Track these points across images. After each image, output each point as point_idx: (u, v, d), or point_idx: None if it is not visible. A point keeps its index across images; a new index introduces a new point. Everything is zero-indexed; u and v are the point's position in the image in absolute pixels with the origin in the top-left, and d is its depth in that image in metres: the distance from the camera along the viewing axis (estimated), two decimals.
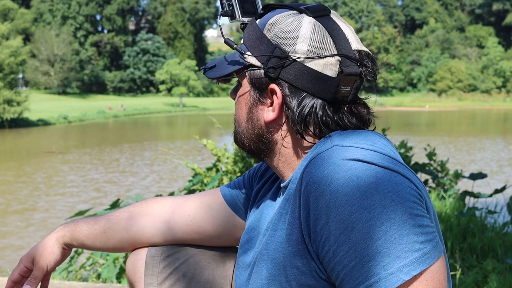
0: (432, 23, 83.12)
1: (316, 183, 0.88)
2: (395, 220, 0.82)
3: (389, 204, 0.83)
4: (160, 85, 62.89)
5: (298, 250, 0.92)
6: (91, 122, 38.64)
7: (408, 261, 0.81)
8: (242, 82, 1.05)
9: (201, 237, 1.29)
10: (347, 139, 0.94)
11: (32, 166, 16.20)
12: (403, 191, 0.85)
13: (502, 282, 2.81)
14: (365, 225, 0.82)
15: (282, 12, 1.02)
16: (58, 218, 9.07)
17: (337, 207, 0.84)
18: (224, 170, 4.18)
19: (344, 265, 0.84)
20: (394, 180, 0.86)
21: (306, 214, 0.89)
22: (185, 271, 1.27)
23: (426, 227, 0.84)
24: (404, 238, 0.82)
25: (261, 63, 1.00)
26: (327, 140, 0.96)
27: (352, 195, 0.84)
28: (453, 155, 15.82)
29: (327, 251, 0.86)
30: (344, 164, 0.87)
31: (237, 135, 1.10)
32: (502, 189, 4.54)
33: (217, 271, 1.29)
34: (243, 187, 1.28)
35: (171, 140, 23.78)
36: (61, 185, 12.78)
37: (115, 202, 3.90)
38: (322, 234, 0.86)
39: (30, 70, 57.54)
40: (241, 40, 1.06)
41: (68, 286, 2.70)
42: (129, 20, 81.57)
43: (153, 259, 1.28)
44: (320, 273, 0.90)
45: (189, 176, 5.15)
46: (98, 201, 10.49)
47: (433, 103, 61.67)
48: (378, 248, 0.81)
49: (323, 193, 0.86)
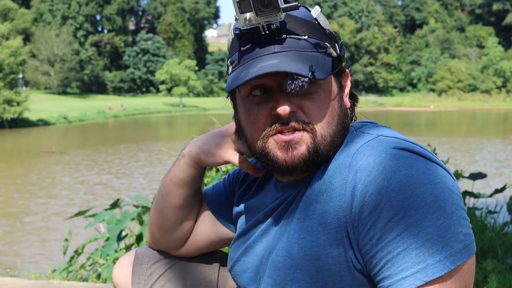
0: (432, 23, 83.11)
1: (368, 170, 0.88)
2: (445, 210, 0.84)
3: (440, 194, 0.84)
4: (160, 85, 62.88)
5: (336, 239, 0.91)
6: (91, 122, 38.63)
7: (453, 250, 0.83)
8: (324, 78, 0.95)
9: (196, 252, 1.29)
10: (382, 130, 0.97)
11: (32, 166, 16.20)
12: (449, 183, 0.87)
13: (502, 282, 2.81)
14: (417, 212, 0.83)
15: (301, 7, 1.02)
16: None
17: (389, 193, 0.85)
18: (224, 170, 4.18)
19: (389, 251, 0.84)
20: (441, 173, 0.88)
21: (352, 201, 0.88)
22: (171, 277, 1.27)
23: (467, 221, 0.87)
24: (452, 228, 0.83)
25: (335, 52, 1.00)
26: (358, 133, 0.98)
27: (406, 182, 0.84)
28: (453, 155, 15.82)
29: (370, 238, 0.86)
30: (395, 152, 0.88)
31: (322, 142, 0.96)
32: (502, 189, 4.54)
33: (203, 275, 1.29)
34: (224, 192, 1.27)
35: (171, 140, 23.78)
36: (62, 186, 12.78)
37: (115, 202, 3.90)
38: (368, 220, 0.86)
39: (30, 70, 57.52)
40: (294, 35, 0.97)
41: (68, 286, 2.70)
42: (129, 20, 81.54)
43: (140, 267, 1.28)
44: (356, 263, 0.90)
45: None
46: (98, 200, 10.48)
47: (433, 103, 61.66)
48: (429, 235, 0.82)
49: (374, 181, 0.86)
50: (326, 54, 0.98)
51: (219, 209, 1.26)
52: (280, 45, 0.95)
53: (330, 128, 0.97)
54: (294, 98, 0.95)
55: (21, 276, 4.37)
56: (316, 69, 0.92)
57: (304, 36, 0.96)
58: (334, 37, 1.00)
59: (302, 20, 0.97)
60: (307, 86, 0.92)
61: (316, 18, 0.99)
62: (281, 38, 0.95)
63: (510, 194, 4.64)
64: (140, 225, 3.63)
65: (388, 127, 1.01)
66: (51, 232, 8.42)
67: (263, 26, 0.94)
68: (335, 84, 1.00)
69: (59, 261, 4.00)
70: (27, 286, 2.79)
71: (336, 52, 1.00)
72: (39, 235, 8.27)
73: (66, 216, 7.81)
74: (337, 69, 1.00)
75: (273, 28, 0.94)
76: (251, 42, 0.97)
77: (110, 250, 3.47)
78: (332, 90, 0.99)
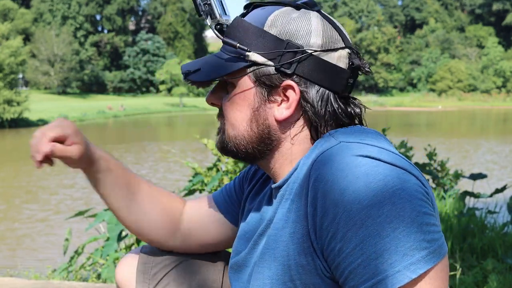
0: (432, 23, 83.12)
1: (325, 179, 0.86)
2: (404, 218, 0.82)
3: (398, 202, 0.82)
4: (160, 85, 62.91)
5: (303, 248, 0.91)
6: (91, 122, 38.63)
7: (415, 259, 0.81)
8: (237, 83, 1.00)
9: (201, 249, 1.29)
10: (351, 137, 0.93)
11: (32, 166, 16.19)
12: (411, 189, 0.84)
13: (502, 282, 2.81)
14: (374, 222, 0.81)
15: (276, 9, 1.00)
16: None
17: (345, 203, 0.83)
18: (224, 170, 4.18)
19: (350, 262, 0.83)
20: (402, 178, 0.85)
21: (313, 210, 0.88)
22: (176, 277, 1.26)
23: (433, 226, 0.84)
24: (412, 236, 0.81)
25: (268, 59, 0.97)
26: (330, 138, 0.95)
27: (361, 192, 0.83)
28: (453, 155, 15.81)
29: (332, 248, 0.85)
30: (352, 160, 0.86)
31: (229, 140, 1.04)
32: (502, 189, 4.54)
33: (208, 275, 1.28)
34: (234, 192, 1.27)
35: (171, 140, 23.78)
36: (62, 185, 12.78)
37: None
38: (328, 231, 0.85)
39: (30, 70, 57.53)
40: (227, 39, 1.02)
41: (68, 286, 2.70)
42: (129, 20, 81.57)
43: (144, 266, 1.27)
44: (324, 271, 0.90)
45: (189, 176, 5.15)
46: (99, 200, 10.48)
47: (433, 103, 61.66)
48: (386, 245, 0.81)
49: (331, 190, 0.85)
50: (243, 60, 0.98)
51: (229, 209, 1.26)
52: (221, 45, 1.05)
53: (236, 131, 1.02)
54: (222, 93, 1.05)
55: (21, 276, 4.37)
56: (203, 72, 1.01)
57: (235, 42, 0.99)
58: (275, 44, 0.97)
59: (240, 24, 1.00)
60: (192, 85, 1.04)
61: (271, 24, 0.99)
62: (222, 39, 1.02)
63: (510, 194, 4.64)
64: None
65: (370, 131, 0.98)
66: (51, 232, 8.42)
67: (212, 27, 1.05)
68: (253, 92, 0.99)
69: (59, 261, 4.00)
70: (27, 286, 2.80)
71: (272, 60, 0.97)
72: (39, 235, 8.27)
73: (66, 216, 7.81)
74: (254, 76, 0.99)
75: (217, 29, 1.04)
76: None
77: (110, 250, 3.47)
78: (245, 96, 1.00)
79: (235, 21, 1.01)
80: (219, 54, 1.03)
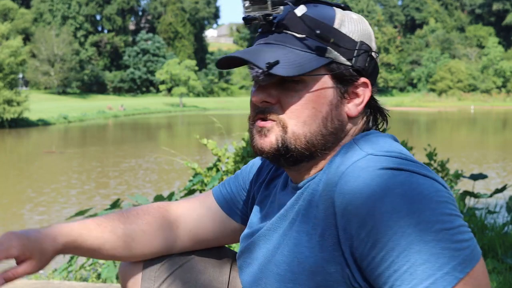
0: (432, 23, 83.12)
1: (358, 193, 0.88)
2: (444, 221, 0.84)
3: (436, 207, 0.85)
4: (160, 85, 62.88)
5: (333, 256, 0.92)
6: (91, 122, 38.63)
7: (460, 259, 0.83)
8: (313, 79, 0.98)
9: (201, 246, 1.28)
10: (375, 146, 0.96)
11: (32, 165, 16.20)
12: (443, 195, 0.88)
13: (502, 282, 2.81)
14: (415, 229, 0.83)
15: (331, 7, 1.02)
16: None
17: (383, 213, 0.85)
18: (224, 170, 4.18)
19: (395, 270, 0.84)
20: (433, 185, 0.88)
21: (346, 222, 0.89)
22: (182, 276, 1.26)
23: (466, 226, 0.88)
24: (453, 238, 0.84)
25: (345, 58, 0.99)
26: (354, 146, 0.98)
27: (398, 201, 0.85)
28: (453, 155, 15.81)
29: (373, 258, 0.86)
30: (385, 173, 0.88)
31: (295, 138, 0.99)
32: (502, 189, 4.54)
33: (214, 275, 1.28)
34: (236, 188, 1.27)
35: (171, 140, 23.78)
36: (62, 185, 12.79)
37: (115, 202, 3.90)
38: (367, 241, 0.86)
39: (30, 70, 57.55)
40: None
41: (68, 286, 2.70)
42: (129, 20, 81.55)
43: (150, 263, 1.26)
44: (353, 280, 0.91)
45: (188, 176, 5.16)
46: (98, 200, 10.49)
47: (433, 103, 61.67)
48: (432, 250, 0.82)
49: (367, 202, 0.86)
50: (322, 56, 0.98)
51: (231, 205, 1.26)
52: (275, 37, 0.99)
53: (307, 129, 0.98)
54: (275, 90, 0.99)
55: None
56: (284, 66, 0.94)
57: (302, 35, 0.97)
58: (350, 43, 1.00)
59: (309, 19, 0.97)
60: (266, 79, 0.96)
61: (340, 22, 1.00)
62: (278, 31, 0.98)
63: (510, 194, 4.65)
64: None
65: (387, 137, 1.01)
66: None
67: (260, 17, 0.98)
68: (332, 89, 0.99)
69: (59, 261, 4.00)
70: (27, 286, 2.79)
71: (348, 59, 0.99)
72: None
73: (66, 216, 7.81)
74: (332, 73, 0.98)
75: (269, 20, 0.98)
76: (260, 31, 1.03)
77: None
78: (324, 93, 0.99)
79: (304, 16, 0.98)
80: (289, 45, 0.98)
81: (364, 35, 1.02)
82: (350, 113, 1.02)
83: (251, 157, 4.11)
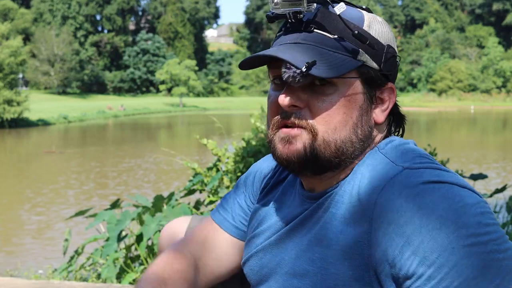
0: (432, 23, 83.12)
1: (402, 210, 0.84)
2: (492, 233, 0.83)
3: (482, 220, 0.83)
4: (160, 85, 62.88)
5: (362, 276, 0.89)
6: (91, 122, 38.63)
7: (508, 268, 0.82)
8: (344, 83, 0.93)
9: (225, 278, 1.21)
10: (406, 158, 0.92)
11: (32, 165, 16.20)
12: (483, 205, 0.86)
13: None
14: (465, 243, 0.81)
15: (356, 8, 0.98)
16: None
17: (431, 230, 0.82)
18: (224, 170, 4.18)
19: (445, 286, 0.81)
20: (473, 196, 0.86)
21: (388, 241, 0.85)
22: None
23: (505, 233, 0.86)
24: (501, 246, 0.83)
25: (374, 61, 0.95)
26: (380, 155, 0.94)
27: (445, 216, 0.82)
28: (453, 155, 15.81)
29: (419, 276, 0.82)
30: (427, 188, 0.85)
31: (325, 145, 0.93)
32: (502, 189, 4.54)
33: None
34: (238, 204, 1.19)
35: (170, 140, 23.78)
36: (62, 185, 12.78)
37: (115, 202, 3.90)
38: (413, 259, 0.82)
39: (30, 70, 57.54)
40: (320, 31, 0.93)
41: (68, 286, 2.70)
42: (129, 20, 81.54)
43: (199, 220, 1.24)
44: None
45: (188, 176, 5.15)
46: (98, 200, 10.48)
47: (433, 103, 61.67)
48: (482, 263, 0.81)
49: (411, 220, 0.83)
50: (355, 59, 0.93)
51: (239, 228, 1.19)
52: (305, 37, 0.93)
53: (337, 135, 0.93)
54: (304, 94, 0.92)
55: (21, 276, 4.37)
56: (320, 67, 0.88)
57: (334, 35, 0.92)
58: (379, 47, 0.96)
59: (340, 19, 0.93)
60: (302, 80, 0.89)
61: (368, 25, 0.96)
62: (308, 30, 0.93)
63: (510, 194, 4.64)
64: (140, 225, 3.63)
65: (412, 144, 0.98)
66: (51, 232, 8.42)
67: (289, 14, 0.92)
68: (363, 93, 0.95)
69: (59, 261, 4.00)
70: (27, 286, 2.79)
71: (377, 63, 0.95)
72: (39, 235, 8.27)
73: (66, 216, 7.81)
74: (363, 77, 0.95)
75: (299, 18, 0.92)
76: (284, 28, 0.96)
77: (110, 250, 3.46)
78: (355, 98, 0.94)
79: (334, 16, 0.93)
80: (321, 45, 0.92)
81: (390, 38, 0.98)
82: (377, 119, 0.98)
83: (251, 157, 4.11)
